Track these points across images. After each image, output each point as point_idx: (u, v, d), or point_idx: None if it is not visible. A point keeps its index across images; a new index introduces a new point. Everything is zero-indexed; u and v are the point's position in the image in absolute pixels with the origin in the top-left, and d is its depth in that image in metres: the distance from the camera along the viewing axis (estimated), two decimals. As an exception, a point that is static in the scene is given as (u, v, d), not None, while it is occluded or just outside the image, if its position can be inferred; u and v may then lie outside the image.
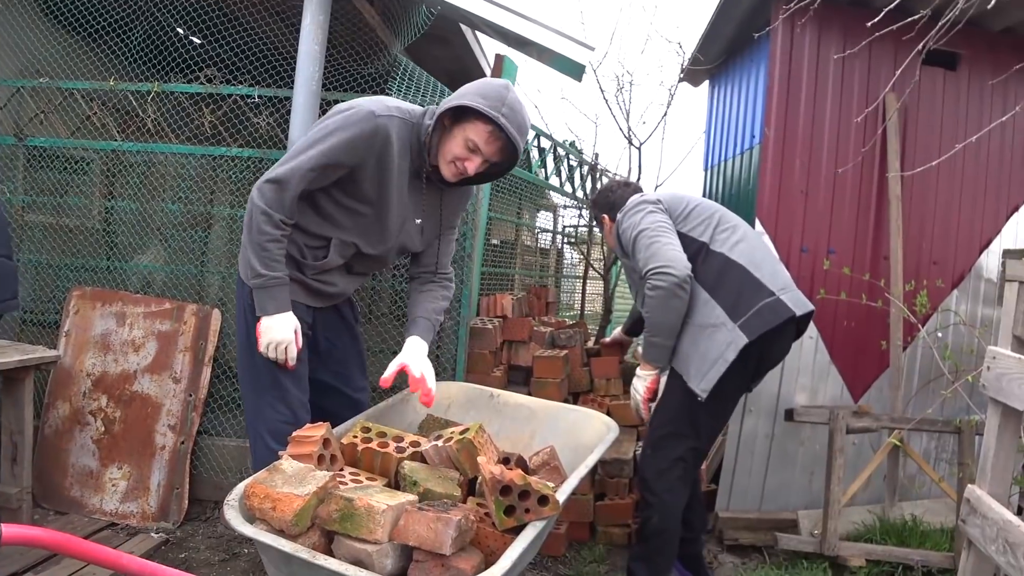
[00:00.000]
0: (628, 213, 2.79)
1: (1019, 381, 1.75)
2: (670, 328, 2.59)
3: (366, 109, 2.16)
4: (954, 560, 3.09)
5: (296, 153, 2.18)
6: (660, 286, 2.51)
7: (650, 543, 2.68)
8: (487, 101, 2.12)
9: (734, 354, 2.51)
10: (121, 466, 3.26)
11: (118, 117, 3.71)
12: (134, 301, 3.42)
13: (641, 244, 2.63)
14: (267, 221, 2.14)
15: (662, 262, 2.53)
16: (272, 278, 2.17)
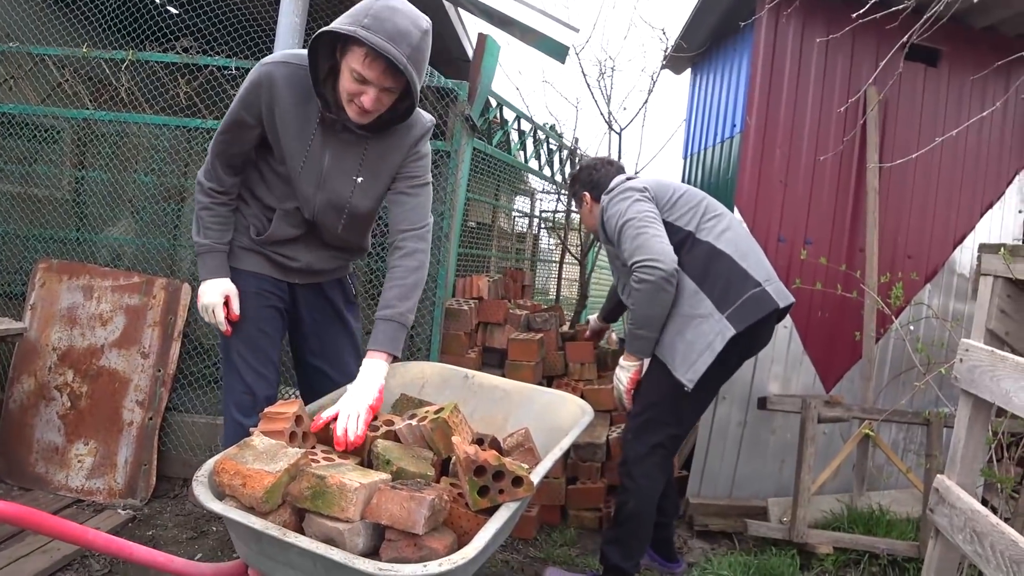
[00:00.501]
0: (614, 198, 2.74)
1: (991, 374, 1.76)
2: (656, 321, 2.57)
3: (261, 69, 2.04)
4: (919, 549, 3.13)
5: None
6: (647, 279, 2.49)
7: (625, 527, 2.68)
8: (347, 19, 1.84)
9: (722, 344, 2.51)
10: (88, 442, 3.20)
11: (90, 85, 3.61)
12: (102, 274, 3.35)
13: (628, 234, 2.59)
14: (199, 189, 2.22)
15: (649, 255, 2.50)
16: (202, 245, 2.22)
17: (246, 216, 2.28)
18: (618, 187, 2.79)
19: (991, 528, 1.62)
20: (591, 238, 4.57)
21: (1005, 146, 4.00)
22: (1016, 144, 4.01)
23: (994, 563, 1.58)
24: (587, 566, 2.99)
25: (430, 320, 3.45)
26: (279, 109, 2.05)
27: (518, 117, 4.52)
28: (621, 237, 2.63)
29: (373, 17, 1.81)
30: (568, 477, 3.44)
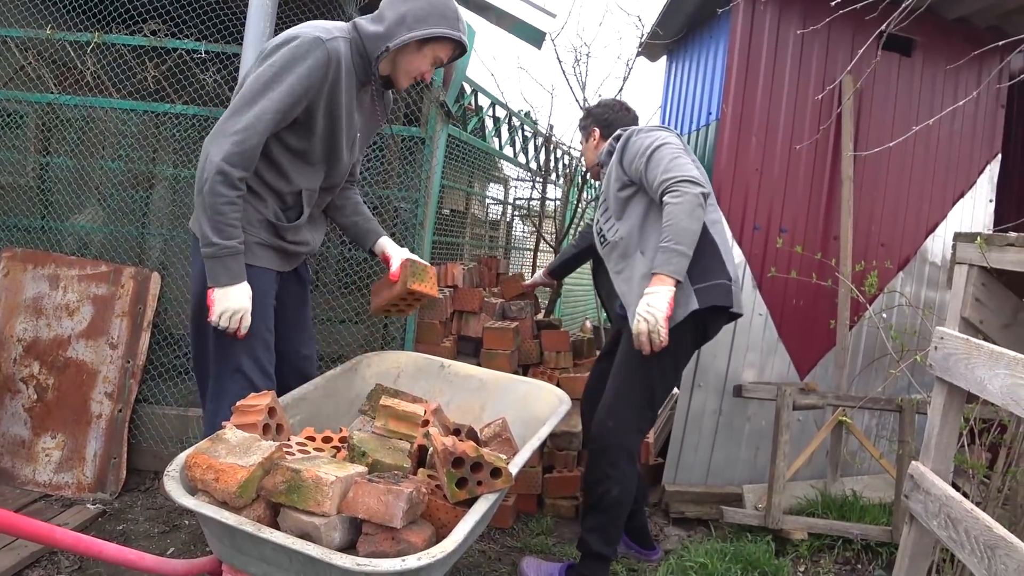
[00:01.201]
0: (645, 131, 2.64)
1: (965, 361, 1.77)
2: (693, 237, 2.37)
3: (311, 36, 2.05)
4: (892, 534, 3.18)
5: (250, 99, 2.03)
6: (687, 192, 2.36)
7: (608, 514, 2.63)
8: (451, 24, 2.18)
9: (683, 315, 2.46)
10: (55, 435, 3.13)
11: (55, 68, 3.51)
12: (68, 263, 3.27)
13: (663, 155, 2.48)
14: (224, 181, 1.99)
15: (688, 174, 2.39)
16: (225, 248, 2.02)
17: (258, 208, 2.18)
18: (648, 127, 2.71)
19: (965, 514, 1.64)
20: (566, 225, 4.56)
21: (976, 136, 4.04)
22: (987, 135, 4.05)
23: (968, 548, 1.59)
24: (564, 555, 2.99)
25: (405, 309, 3.41)
26: (339, 82, 2.13)
27: (493, 104, 4.48)
28: (653, 159, 2.49)
29: (463, 21, 2.23)
30: (545, 466, 3.44)
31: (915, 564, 1.97)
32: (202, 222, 2.01)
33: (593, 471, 2.66)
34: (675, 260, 2.33)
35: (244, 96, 2.05)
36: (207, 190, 1.99)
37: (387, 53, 2.15)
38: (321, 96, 2.10)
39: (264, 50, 2.13)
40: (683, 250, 2.33)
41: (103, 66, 3.41)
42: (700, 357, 3.64)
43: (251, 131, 2.01)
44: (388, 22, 2.15)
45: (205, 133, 3.38)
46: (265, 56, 2.10)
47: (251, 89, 2.04)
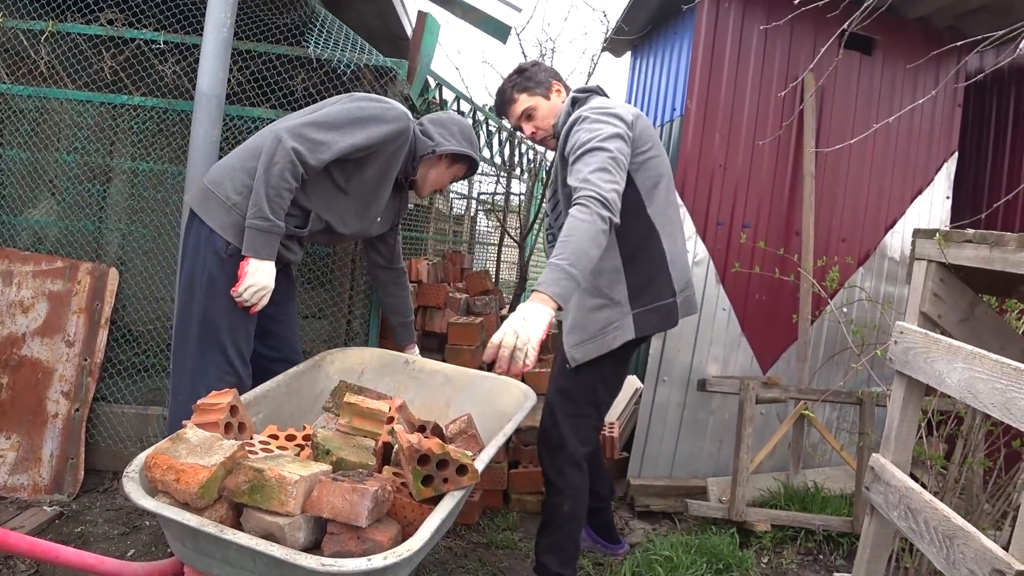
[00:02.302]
0: (598, 112, 2.33)
1: (924, 355, 1.81)
2: (590, 263, 2.08)
3: (400, 110, 2.40)
4: (852, 524, 3.23)
5: (338, 125, 2.27)
6: (597, 215, 2.07)
7: (561, 531, 2.50)
8: (475, 148, 2.66)
9: (618, 344, 2.39)
10: (9, 436, 3.05)
11: (7, 58, 3.40)
12: (22, 259, 3.18)
13: (591, 161, 2.18)
14: (292, 171, 2.20)
15: (601, 192, 2.10)
16: (276, 225, 2.23)
17: None
18: (609, 103, 2.39)
19: (924, 504, 1.67)
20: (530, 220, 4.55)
21: (935, 135, 4.13)
22: (945, 133, 4.14)
23: (928, 538, 1.62)
24: (530, 549, 2.99)
25: (368, 304, 3.39)
26: (398, 159, 2.48)
27: (458, 98, 4.46)
28: (582, 158, 2.22)
29: (475, 143, 2.68)
30: (510, 461, 3.44)
31: (876, 554, 2.01)
32: (261, 197, 2.19)
33: (547, 482, 2.55)
34: (565, 284, 2.00)
35: (333, 118, 2.28)
36: (277, 171, 2.19)
37: (431, 156, 2.55)
38: (383, 155, 2.41)
39: (353, 94, 2.44)
40: (577, 275, 2.02)
41: (58, 56, 3.31)
42: (664, 351, 3.67)
43: (326, 149, 2.25)
44: (435, 135, 2.58)
45: (164, 125, 3.32)
46: (356, 98, 2.39)
47: (342, 117, 2.29)
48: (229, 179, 2.31)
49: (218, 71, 2.88)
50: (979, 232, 1.79)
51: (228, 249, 2.27)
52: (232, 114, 3.18)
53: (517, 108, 2.59)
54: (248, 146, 2.38)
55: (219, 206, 2.29)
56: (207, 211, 2.30)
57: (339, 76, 3.16)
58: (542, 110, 2.57)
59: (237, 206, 2.28)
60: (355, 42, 3.21)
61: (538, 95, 2.57)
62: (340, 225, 2.48)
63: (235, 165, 2.34)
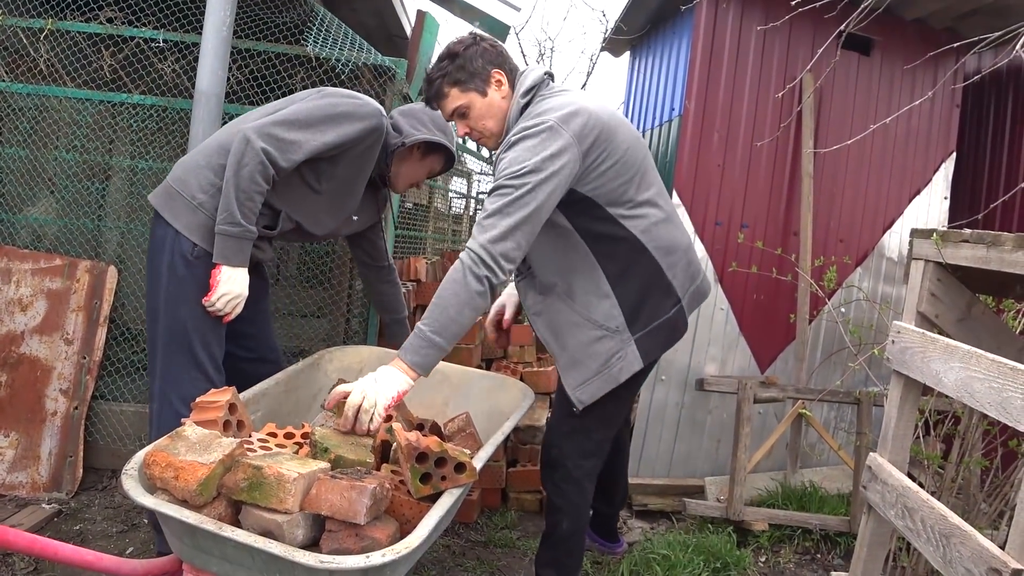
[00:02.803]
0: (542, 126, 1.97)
1: (922, 355, 1.81)
2: (461, 328, 1.93)
3: (373, 106, 2.28)
4: (850, 524, 3.24)
5: (308, 124, 2.18)
6: (473, 273, 1.90)
7: (560, 548, 2.37)
8: (448, 137, 2.48)
9: (626, 376, 2.17)
10: (8, 434, 3.05)
11: (6, 56, 3.41)
12: (21, 257, 3.19)
13: (507, 196, 1.92)
14: (262, 172, 2.10)
15: (497, 250, 1.90)
16: (248, 230, 2.14)
17: None
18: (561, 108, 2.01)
19: (921, 503, 1.67)
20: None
21: (932, 135, 4.13)
22: (943, 134, 4.14)
23: (924, 537, 1.63)
24: (528, 548, 3.00)
25: (367, 303, 3.39)
26: (372, 157, 2.37)
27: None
28: (500, 187, 1.95)
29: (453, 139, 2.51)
30: (509, 460, 3.44)
31: (873, 553, 2.02)
32: (229, 200, 2.09)
33: (547, 497, 2.41)
34: (427, 353, 1.89)
35: (303, 116, 2.18)
36: (247, 174, 2.08)
37: (401, 148, 2.40)
38: (356, 152, 2.31)
39: (323, 90, 2.32)
40: (442, 344, 1.90)
41: (57, 54, 3.32)
42: (663, 351, 3.67)
43: (297, 149, 2.16)
44: (404, 127, 2.42)
45: (163, 124, 3.32)
46: (327, 94, 2.28)
47: (313, 115, 2.19)
48: (194, 177, 2.22)
49: (217, 70, 2.88)
50: (976, 232, 1.80)
51: (195, 251, 2.17)
52: (231, 112, 3.17)
53: (447, 105, 2.16)
54: (213, 142, 2.29)
55: (184, 206, 2.19)
56: (172, 211, 2.20)
57: (338, 75, 3.16)
58: (477, 109, 2.13)
59: (203, 206, 2.18)
60: (354, 41, 3.22)
61: (472, 91, 2.12)
62: (312, 225, 2.38)
63: (200, 163, 2.24)
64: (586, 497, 2.39)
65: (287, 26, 3.36)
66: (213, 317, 2.21)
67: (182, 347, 2.18)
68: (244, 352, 2.50)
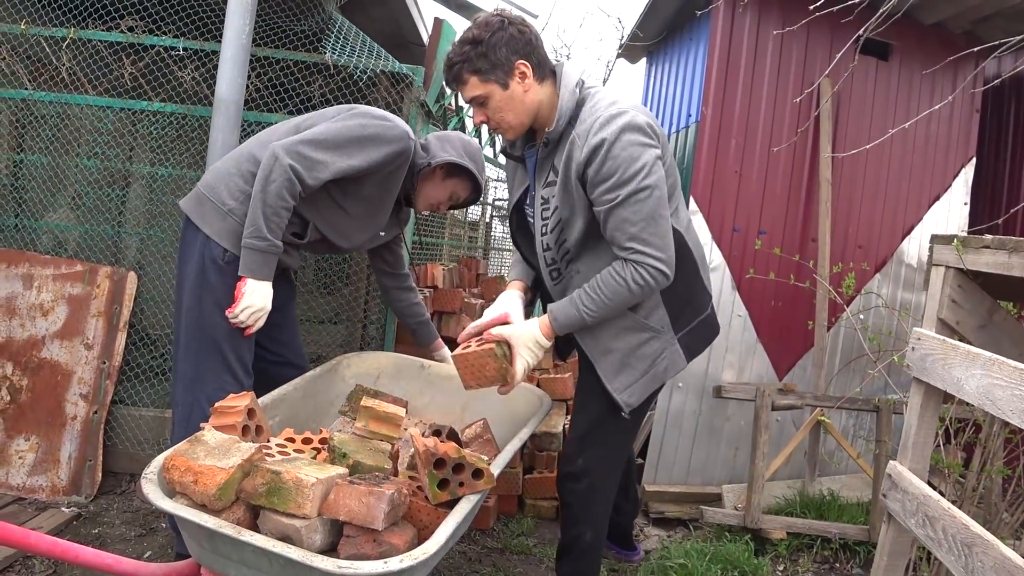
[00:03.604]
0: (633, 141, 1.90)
1: (942, 362, 1.79)
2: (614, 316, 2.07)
3: (402, 128, 2.30)
4: (869, 532, 3.21)
5: (337, 145, 2.20)
6: (648, 282, 1.95)
7: (583, 560, 2.33)
8: (477, 166, 2.51)
9: (672, 375, 2.19)
10: (28, 437, 3.08)
11: (29, 64, 3.45)
12: (43, 262, 3.22)
13: (647, 208, 1.91)
14: (290, 189, 2.13)
15: (661, 255, 1.94)
16: (274, 245, 2.16)
17: None
18: (632, 115, 1.93)
19: (943, 512, 1.65)
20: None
21: (952, 140, 4.10)
22: (962, 138, 4.11)
23: (946, 546, 1.61)
24: (544, 556, 2.99)
25: (384, 309, 3.40)
26: (399, 177, 2.41)
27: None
28: (627, 203, 1.90)
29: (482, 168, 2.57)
30: (525, 466, 3.44)
31: (893, 562, 1.99)
32: (258, 216, 2.12)
33: (567, 509, 2.33)
34: (573, 329, 2.06)
35: (333, 136, 2.21)
36: (275, 189, 2.12)
37: (427, 168, 2.42)
38: (382, 174, 2.34)
39: (353, 108, 2.34)
40: (591, 323, 2.04)
41: (79, 62, 3.36)
42: (680, 358, 3.66)
43: (324, 169, 2.18)
44: (432, 148, 2.48)
45: (183, 131, 3.35)
46: (358, 114, 2.29)
47: (342, 136, 2.22)
48: (224, 184, 2.26)
49: (236, 77, 2.91)
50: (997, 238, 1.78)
51: (226, 256, 2.22)
52: (250, 120, 3.20)
53: (466, 92, 2.05)
54: (244, 150, 2.33)
55: (215, 212, 2.24)
56: (202, 217, 2.24)
57: (356, 82, 3.18)
58: (496, 101, 2.02)
59: (234, 212, 2.22)
60: (371, 48, 3.24)
61: (492, 82, 1.99)
62: (339, 238, 2.43)
63: (231, 170, 2.28)
64: (609, 507, 2.37)
65: (305, 34, 3.39)
66: (249, 336, 2.27)
67: (213, 351, 2.22)
68: (271, 355, 2.55)
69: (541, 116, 2.08)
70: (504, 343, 2.05)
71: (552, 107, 2.06)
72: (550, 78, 2.08)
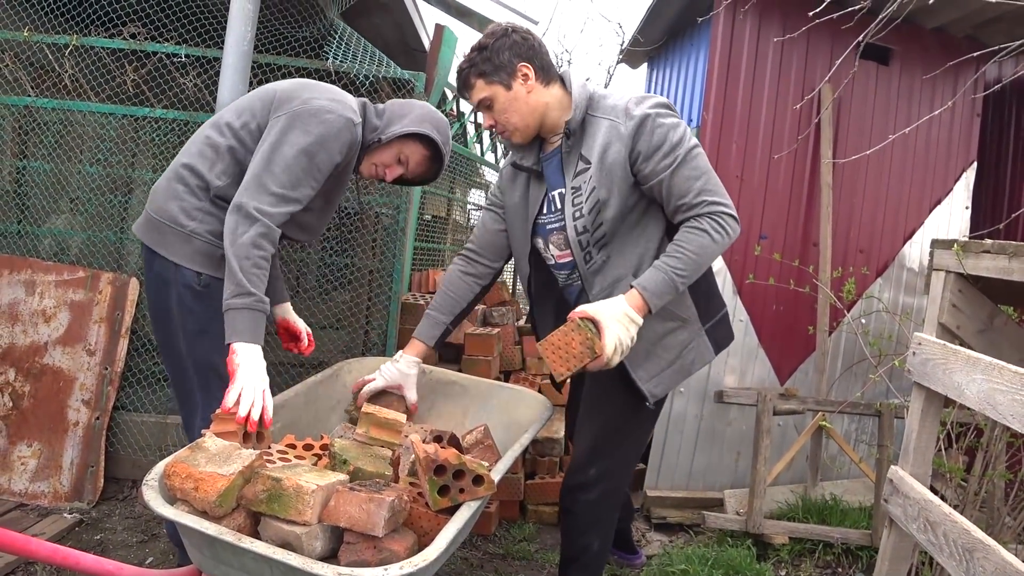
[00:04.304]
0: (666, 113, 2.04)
1: (943, 367, 1.79)
2: (694, 280, 2.03)
3: (345, 117, 2.06)
4: (871, 537, 3.20)
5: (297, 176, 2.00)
6: (731, 232, 1.99)
7: (588, 571, 2.32)
8: (441, 137, 2.23)
9: (700, 367, 2.20)
10: (31, 443, 3.09)
11: (32, 71, 3.47)
12: (45, 269, 3.23)
13: (703, 165, 2.02)
14: (267, 236, 1.92)
15: (732, 204, 2.02)
16: (262, 302, 1.91)
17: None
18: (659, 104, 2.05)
19: (944, 517, 1.65)
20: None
21: (953, 144, 4.10)
22: (963, 143, 4.11)
23: (947, 551, 1.61)
24: (546, 561, 2.99)
25: (386, 315, 3.41)
26: (349, 168, 2.21)
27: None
28: (687, 166, 1.99)
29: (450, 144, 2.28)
30: (527, 472, 3.44)
31: (895, 567, 1.99)
32: (234, 271, 1.89)
33: (573, 519, 2.31)
34: (667, 296, 1.97)
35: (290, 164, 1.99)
36: (247, 240, 1.90)
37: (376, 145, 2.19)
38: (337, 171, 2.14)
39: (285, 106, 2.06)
40: (683, 286, 1.99)
41: (81, 69, 3.37)
42: (682, 363, 3.66)
43: (299, 202, 2.01)
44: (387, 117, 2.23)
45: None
46: (294, 120, 2.03)
47: (297, 163, 2.00)
48: (177, 206, 2.07)
49: (238, 84, 2.92)
50: (997, 243, 1.78)
51: (201, 280, 2.05)
52: (251, 126, 3.20)
53: (474, 96, 2.14)
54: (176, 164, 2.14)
55: (177, 237, 2.06)
56: (165, 245, 2.07)
57: (357, 88, 3.19)
58: (500, 102, 2.10)
59: (196, 232, 2.05)
60: (373, 54, 3.25)
61: (496, 83, 2.08)
62: (301, 234, 2.25)
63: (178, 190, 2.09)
64: (616, 513, 2.36)
65: (307, 40, 3.40)
66: None
67: (214, 376, 2.08)
68: None
69: (549, 120, 2.13)
70: (587, 319, 1.93)
71: (561, 109, 2.12)
72: (556, 82, 2.14)
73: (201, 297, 2.05)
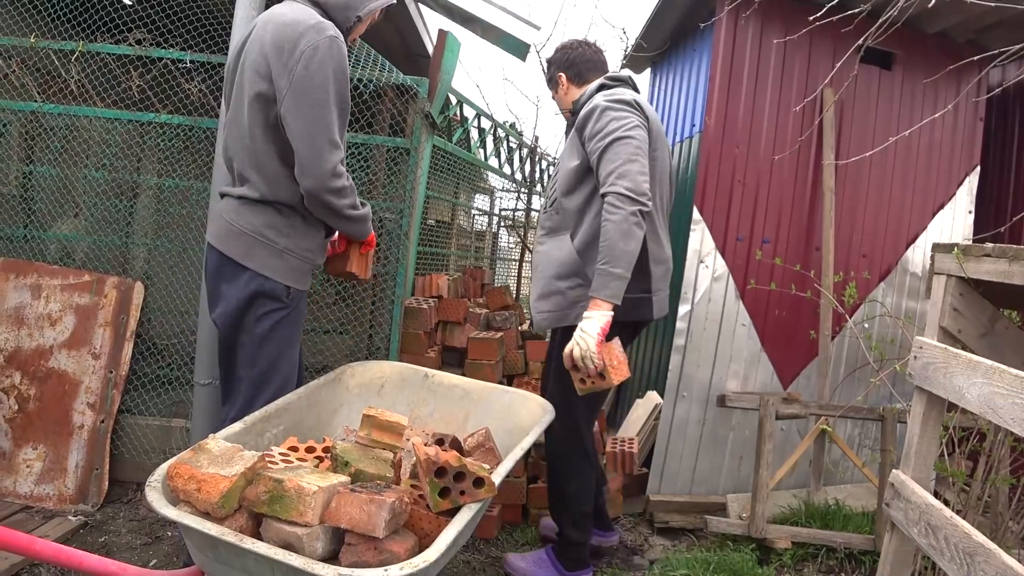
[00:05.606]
0: (616, 107, 2.47)
1: (944, 370, 1.80)
2: (630, 257, 2.33)
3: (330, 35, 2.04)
4: (874, 542, 3.20)
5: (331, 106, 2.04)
6: (621, 210, 2.30)
7: (573, 505, 2.73)
8: None
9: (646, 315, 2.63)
10: (36, 446, 3.11)
11: (39, 77, 3.50)
12: (51, 273, 3.25)
13: (617, 152, 2.38)
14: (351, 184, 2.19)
15: (633, 186, 2.31)
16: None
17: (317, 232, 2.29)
18: (624, 96, 2.51)
19: (945, 521, 1.65)
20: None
21: (956, 148, 4.10)
22: (966, 147, 4.11)
23: (948, 555, 1.61)
24: (549, 565, 3.00)
25: (389, 319, 3.42)
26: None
27: (478, 115, 4.50)
28: (607, 152, 2.39)
29: None
30: (529, 476, 3.44)
31: (897, 572, 1.99)
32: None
33: (552, 475, 2.80)
34: (612, 284, 2.32)
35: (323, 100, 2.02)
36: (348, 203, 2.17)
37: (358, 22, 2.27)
38: None
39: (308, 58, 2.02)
40: (620, 273, 2.32)
41: (87, 75, 3.40)
42: (684, 367, 3.66)
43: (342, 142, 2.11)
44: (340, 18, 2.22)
45: (190, 143, 3.38)
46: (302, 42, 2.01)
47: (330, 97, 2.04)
48: (268, 224, 2.15)
49: (242, 89, 2.93)
50: (998, 246, 1.78)
51: (290, 293, 2.19)
52: (256, 131, 3.22)
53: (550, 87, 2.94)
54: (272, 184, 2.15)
55: (267, 250, 2.14)
56: (254, 259, 2.14)
57: (360, 94, 3.20)
58: (555, 97, 2.93)
59: (289, 249, 2.16)
60: (376, 60, 3.27)
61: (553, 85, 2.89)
62: None
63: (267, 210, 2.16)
64: (592, 463, 2.76)
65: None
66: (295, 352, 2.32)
67: (272, 386, 2.23)
68: None
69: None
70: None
71: None
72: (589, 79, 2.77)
73: (288, 310, 2.20)
